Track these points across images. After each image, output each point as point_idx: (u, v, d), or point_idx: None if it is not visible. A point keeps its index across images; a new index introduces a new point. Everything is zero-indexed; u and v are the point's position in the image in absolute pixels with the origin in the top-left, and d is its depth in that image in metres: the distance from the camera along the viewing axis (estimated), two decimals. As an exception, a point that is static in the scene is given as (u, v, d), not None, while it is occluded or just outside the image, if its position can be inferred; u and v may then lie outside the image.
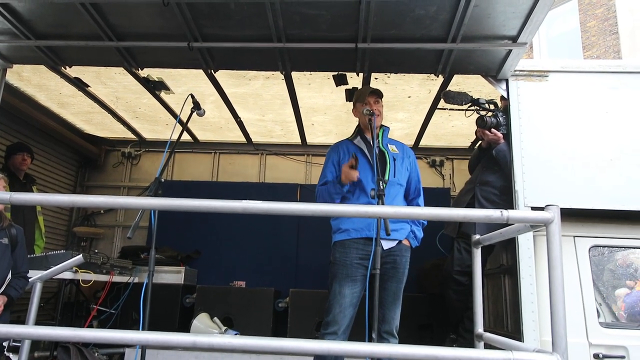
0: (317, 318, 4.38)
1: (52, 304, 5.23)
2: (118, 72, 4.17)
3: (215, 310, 4.51)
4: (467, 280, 3.50)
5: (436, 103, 4.52)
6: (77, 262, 3.06)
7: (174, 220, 5.35)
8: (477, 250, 2.71)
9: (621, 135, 3.31)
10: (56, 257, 3.84)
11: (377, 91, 3.17)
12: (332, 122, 5.28)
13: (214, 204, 1.82)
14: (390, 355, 1.79)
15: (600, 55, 11.77)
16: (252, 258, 5.68)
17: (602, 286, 3.33)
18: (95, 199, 2.01)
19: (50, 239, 5.45)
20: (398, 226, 2.89)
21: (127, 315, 4.61)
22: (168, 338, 1.77)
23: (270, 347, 1.75)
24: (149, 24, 3.22)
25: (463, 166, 5.93)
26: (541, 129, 3.34)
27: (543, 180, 3.25)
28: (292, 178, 6.12)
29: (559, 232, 1.82)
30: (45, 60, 3.64)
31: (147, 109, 5.13)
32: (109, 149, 6.31)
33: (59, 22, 3.25)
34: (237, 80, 4.26)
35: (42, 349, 4.13)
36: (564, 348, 1.73)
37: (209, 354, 3.51)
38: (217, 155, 6.31)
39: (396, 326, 2.85)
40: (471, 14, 2.90)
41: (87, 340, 2.39)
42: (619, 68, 3.47)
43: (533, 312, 3.07)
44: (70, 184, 6.06)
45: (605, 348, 3.07)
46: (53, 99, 4.98)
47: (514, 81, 3.42)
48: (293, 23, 3.08)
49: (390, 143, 3.14)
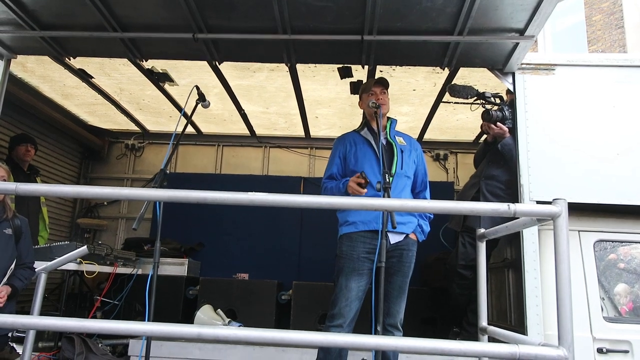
0: (320, 310, 4.38)
1: (56, 295, 5.25)
2: (122, 64, 4.16)
3: (218, 302, 4.52)
4: (471, 274, 3.50)
5: (441, 96, 4.50)
6: (82, 254, 3.06)
7: (177, 212, 5.35)
8: (481, 244, 2.70)
9: (628, 130, 3.29)
10: (60, 248, 3.86)
11: (383, 80, 3.14)
12: (336, 115, 5.26)
13: (221, 195, 1.81)
14: (396, 348, 1.79)
15: (605, 50, 11.70)
16: (255, 250, 5.69)
17: (606, 281, 3.32)
18: (100, 190, 2.00)
19: (53, 231, 5.45)
20: (405, 219, 2.87)
21: (130, 306, 4.63)
22: (174, 329, 1.77)
23: (276, 339, 1.75)
24: (154, 15, 3.20)
25: (467, 160, 5.92)
26: (547, 122, 3.32)
27: (548, 174, 3.24)
28: (295, 171, 6.11)
29: (566, 226, 1.80)
30: (49, 51, 3.63)
31: (151, 100, 5.12)
32: (113, 140, 6.31)
33: (64, 12, 3.23)
34: (242, 72, 4.25)
35: (46, 339, 4.15)
36: (570, 342, 1.72)
37: (213, 345, 3.50)
38: (220, 147, 6.30)
39: (400, 319, 2.85)
40: (478, 6, 2.88)
41: (94, 331, 2.40)
42: (626, 62, 3.44)
43: (537, 306, 3.07)
44: (74, 176, 6.07)
45: (609, 342, 3.07)
46: (57, 90, 4.97)
47: (520, 75, 3.39)
48: (299, 14, 3.06)
49: (397, 135, 3.11)
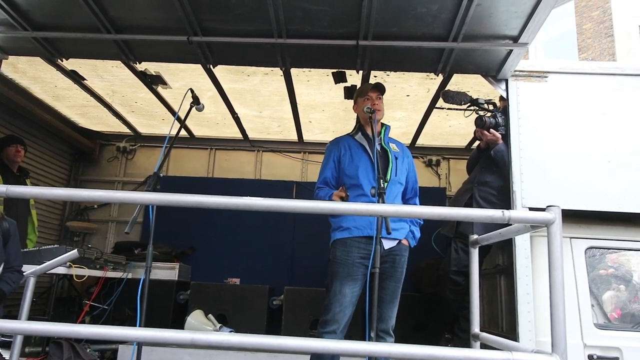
0: (311, 316, 4.36)
1: (44, 299, 5.17)
2: (115, 66, 4.13)
3: (209, 307, 4.49)
4: (463, 280, 3.50)
5: (434, 102, 4.52)
6: (72, 257, 3.02)
7: (168, 216, 5.29)
8: (474, 250, 2.70)
9: (618, 138, 3.32)
10: (50, 251, 3.80)
11: (380, 86, 3.13)
12: (329, 120, 5.26)
13: (217, 199, 1.79)
14: (390, 354, 1.77)
15: (595, 58, 11.86)
16: (246, 255, 5.66)
17: (596, 287, 3.34)
18: (93, 193, 1.98)
19: (42, 234, 5.39)
20: (398, 225, 2.87)
21: (120, 311, 4.57)
22: (167, 335, 1.74)
23: (271, 345, 1.73)
24: (148, 17, 3.18)
25: (459, 166, 5.95)
26: (539, 129, 3.34)
27: (541, 181, 3.26)
28: (288, 175, 6.09)
29: (560, 233, 1.81)
30: (41, 52, 3.59)
31: (144, 103, 5.09)
32: (104, 143, 6.25)
33: (57, 13, 3.20)
34: (236, 75, 4.24)
35: (33, 344, 4.08)
36: (563, 349, 1.72)
37: (204, 351, 3.47)
38: (212, 151, 6.27)
39: (392, 325, 2.84)
40: (473, 13, 2.90)
41: (84, 337, 2.36)
42: (618, 70, 3.48)
43: (529, 312, 3.08)
44: (64, 178, 6.00)
45: (600, 349, 3.09)
46: (48, 92, 4.92)
47: (513, 81, 3.42)
48: (294, 18, 3.05)
49: (391, 142, 3.11)
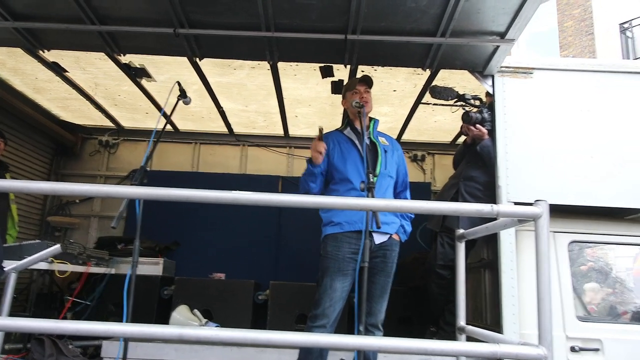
0: (297, 311, 4.35)
1: (24, 295, 5.08)
2: (98, 58, 4.04)
3: (194, 302, 4.44)
4: (449, 274, 3.53)
5: (421, 97, 4.53)
6: (55, 252, 2.95)
7: (152, 210, 5.15)
8: (460, 245, 2.73)
9: (601, 133, 3.38)
10: (31, 247, 3.71)
11: (367, 79, 3.12)
12: (316, 115, 5.24)
13: (204, 194, 1.77)
14: (379, 348, 1.79)
15: (576, 55, 12.05)
16: (232, 250, 5.61)
17: (577, 281, 3.40)
18: (78, 187, 1.93)
19: (22, 229, 5.26)
20: (389, 219, 2.88)
21: (102, 306, 4.51)
22: (154, 330, 1.72)
23: (259, 340, 1.72)
24: (134, 8, 3.12)
25: (444, 161, 5.99)
26: (525, 125, 3.38)
27: (526, 176, 3.30)
28: (273, 170, 6.05)
29: (547, 227, 1.84)
30: (22, 43, 3.50)
31: (127, 96, 5.00)
32: (86, 137, 6.12)
33: (39, 2, 3.11)
34: (222, 69, 4.19)
35: (13, 341, 4.00)
36: (549, 341, 1.76)
37: (190, 346, 3.44)
38: (197, 145, 6.19)
39: (382, 319, 2.86)
40: (461, 9, 2.91)
41: (69, 333, 2.31)
42: (601, 67, 3.54)
43: (514, 305, 3.13)
44: (45, 172, 5.86)
45: (582, 341, 3.16)
46: (28, 84, 4.80)
47: (499, 77, 3.45)
48: (283, 11, 3.03)
49: (380, 135, 3.11)
